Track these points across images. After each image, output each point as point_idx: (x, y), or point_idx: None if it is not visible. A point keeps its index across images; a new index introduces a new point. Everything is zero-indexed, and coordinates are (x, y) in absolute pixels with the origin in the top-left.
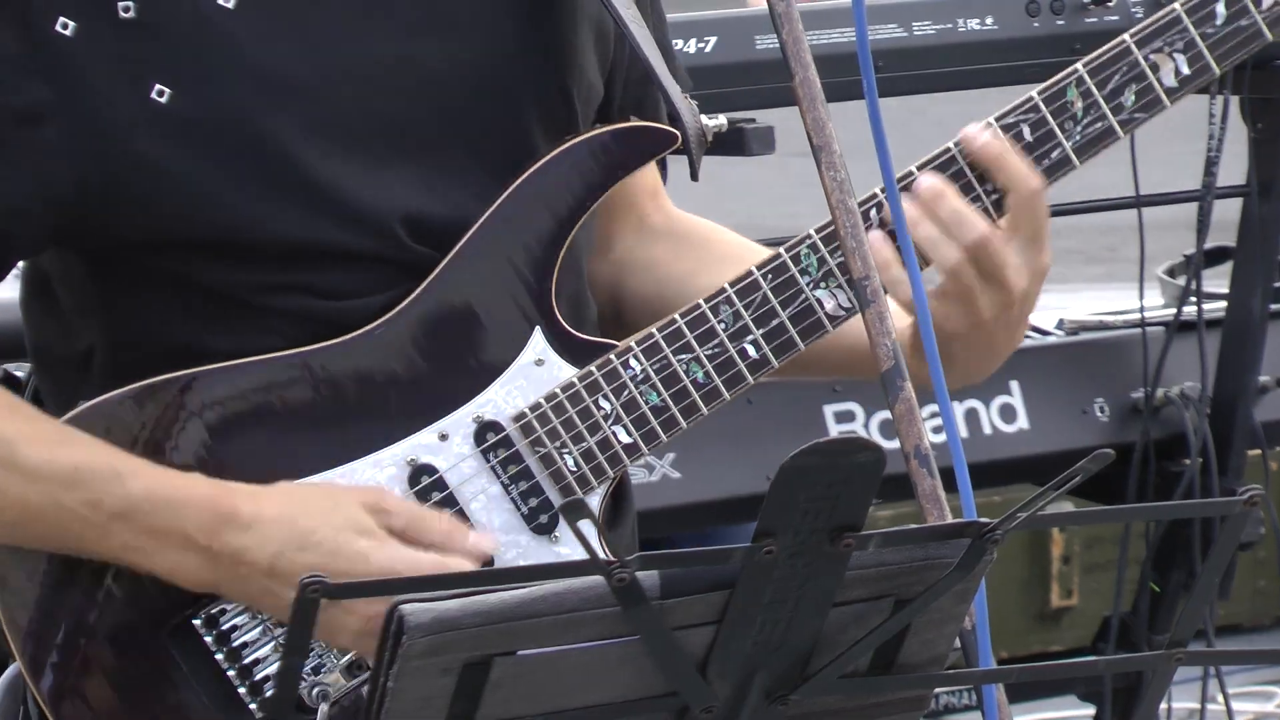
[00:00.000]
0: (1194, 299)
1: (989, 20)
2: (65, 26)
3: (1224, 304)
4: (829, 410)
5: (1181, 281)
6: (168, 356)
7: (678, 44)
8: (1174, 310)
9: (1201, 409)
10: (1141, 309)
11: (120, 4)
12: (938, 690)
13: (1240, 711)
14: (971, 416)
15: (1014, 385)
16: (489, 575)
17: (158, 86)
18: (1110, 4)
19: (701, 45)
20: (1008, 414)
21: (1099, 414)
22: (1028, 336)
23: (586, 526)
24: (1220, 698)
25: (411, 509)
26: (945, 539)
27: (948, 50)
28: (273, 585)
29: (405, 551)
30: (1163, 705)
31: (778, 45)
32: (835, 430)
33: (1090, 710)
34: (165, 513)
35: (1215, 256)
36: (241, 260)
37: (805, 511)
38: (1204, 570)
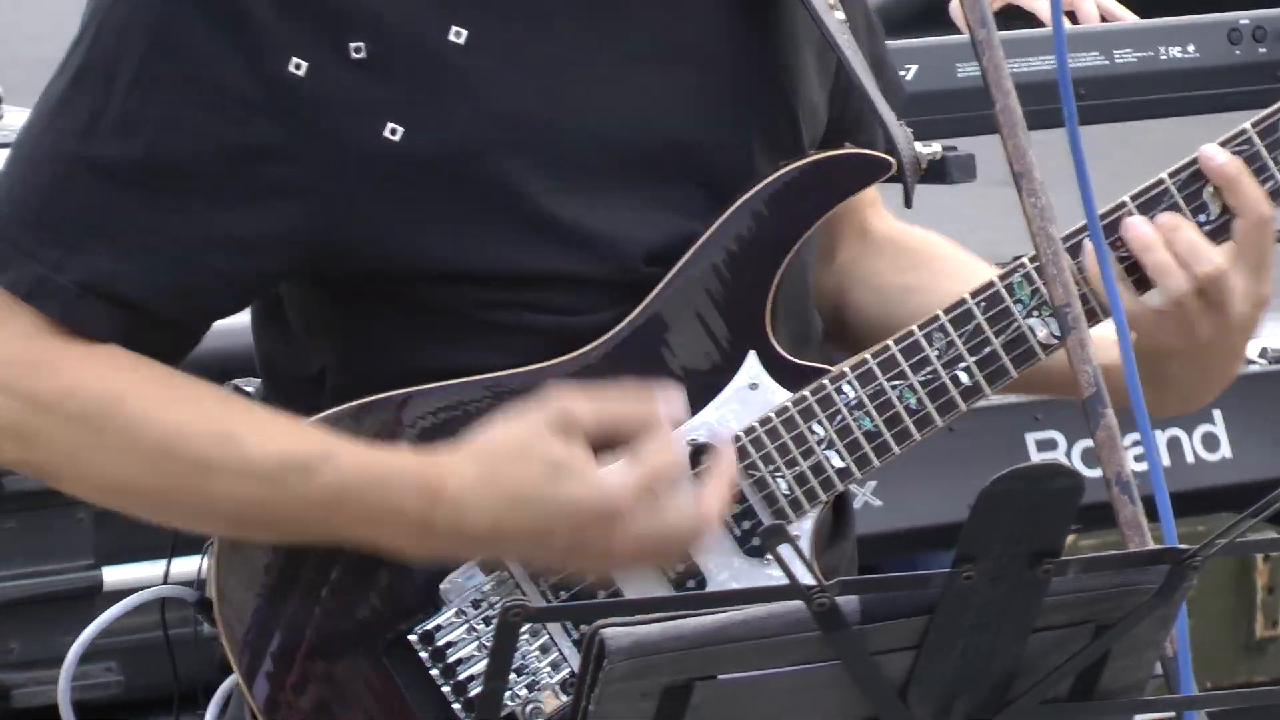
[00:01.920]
0: None
1: (1191, 48)
2: (298, 67)
3: None
4: (1031, 438)
5: None
6: (402, 376)
7: None
8: None
9: None
10: None
11: (352, 45)
12: (1146, 717)
13: None
14: (1174, 445)
15: (1216, 414)
16: (690, 600)
17: (390, 125)
18: None
19: (902, 73)
20: (1210, 443)
21: None
22: None
23: (787, 551)
24: None
25: (595, 407)
26: (1144, 565)
27: (1149, 78)
28: (505, 546)
29: (608, 482)
30: None
31: (978, 73)
32: (1037, 458)
33: None
34: (376, 493)
35: None
36: (472, 285)
37: (1005, 537)
38: None
